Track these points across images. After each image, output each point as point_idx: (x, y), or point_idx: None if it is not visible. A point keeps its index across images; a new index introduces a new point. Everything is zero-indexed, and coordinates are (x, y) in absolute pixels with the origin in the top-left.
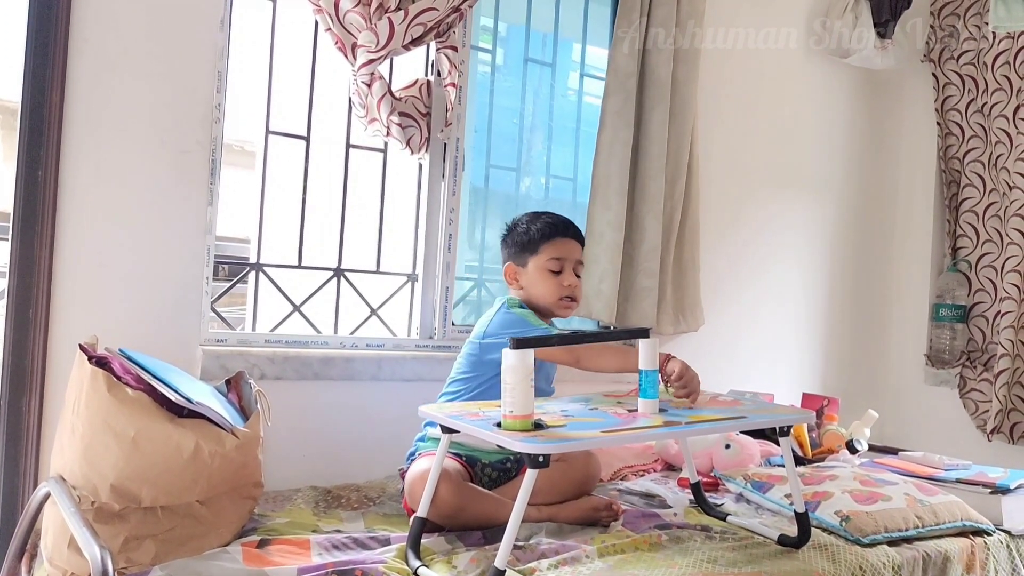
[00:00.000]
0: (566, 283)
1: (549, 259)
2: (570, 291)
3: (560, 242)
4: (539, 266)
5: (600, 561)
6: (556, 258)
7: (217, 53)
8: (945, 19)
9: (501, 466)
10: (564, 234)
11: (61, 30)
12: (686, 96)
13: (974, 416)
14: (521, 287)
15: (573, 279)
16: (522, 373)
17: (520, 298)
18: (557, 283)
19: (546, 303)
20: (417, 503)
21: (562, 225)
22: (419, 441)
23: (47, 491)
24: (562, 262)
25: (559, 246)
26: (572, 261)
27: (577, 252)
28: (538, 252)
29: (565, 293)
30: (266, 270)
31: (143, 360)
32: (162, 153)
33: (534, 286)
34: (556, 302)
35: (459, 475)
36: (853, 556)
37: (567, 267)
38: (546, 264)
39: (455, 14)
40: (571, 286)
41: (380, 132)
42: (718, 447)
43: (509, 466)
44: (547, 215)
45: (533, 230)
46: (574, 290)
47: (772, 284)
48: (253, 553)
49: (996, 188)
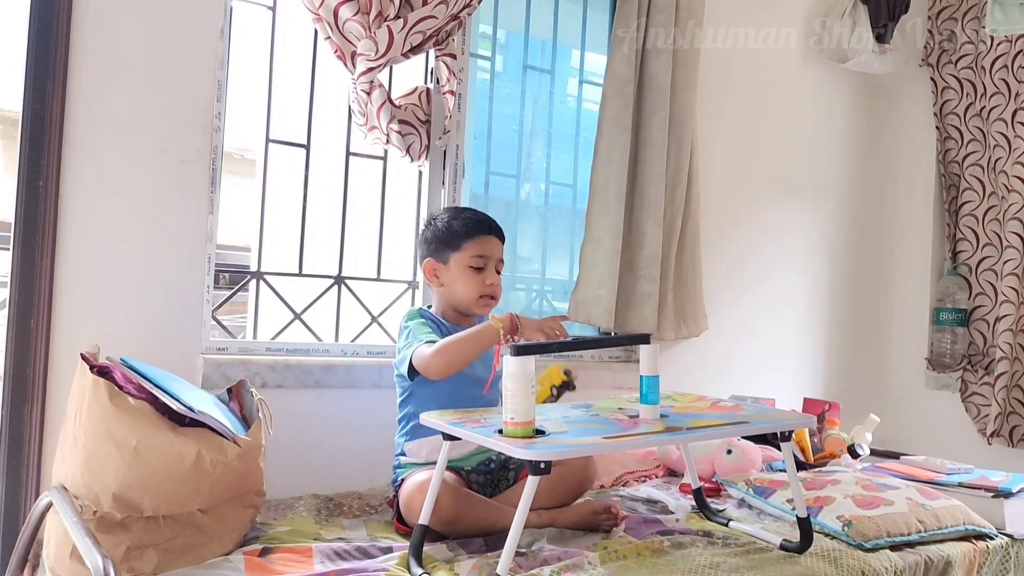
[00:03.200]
0: (488, 281)
1: (472, 256)
2: (491, 290)
3: (483, 239)
4: (461, 263)
5: (602, 567)
6: (480, 255)
7: (217, 62)
8: (943, 23)
9: (485, 468)
10: (488, 232)
11: (61, 40)
12: (685, 102)
13: (975, 420)
14: (442, 284)
15: (495, 277)
16: (523, 380)
17: (439, 296)
18: (479, 281)
19: (466, 301)
20: (416, 516)
21: (486, 223)
22: (398, 468)
23: (49, 501)
24: (485, 260)
25: (482, 243)
26: (494, 259)
27: (499, 250)
28: (460, 249)
29: (486, 292)
30: (267, 278)
31: (144, 369)
32: (162, 162)
33: (455, 283)
34: (476, 300)
35: (456, 483)
36: (855, 561)
37: (489, 265)
38: (469, 261)
39: (454, 22)
40: (492, 284)
41: (380, 140)
42: (720, 452)
43: (493, 467)
44: (469, 211)
45: (455, 226)
46: (495, 289)
47: (773, 289)
48: (255, 562)
49: (995, 191)
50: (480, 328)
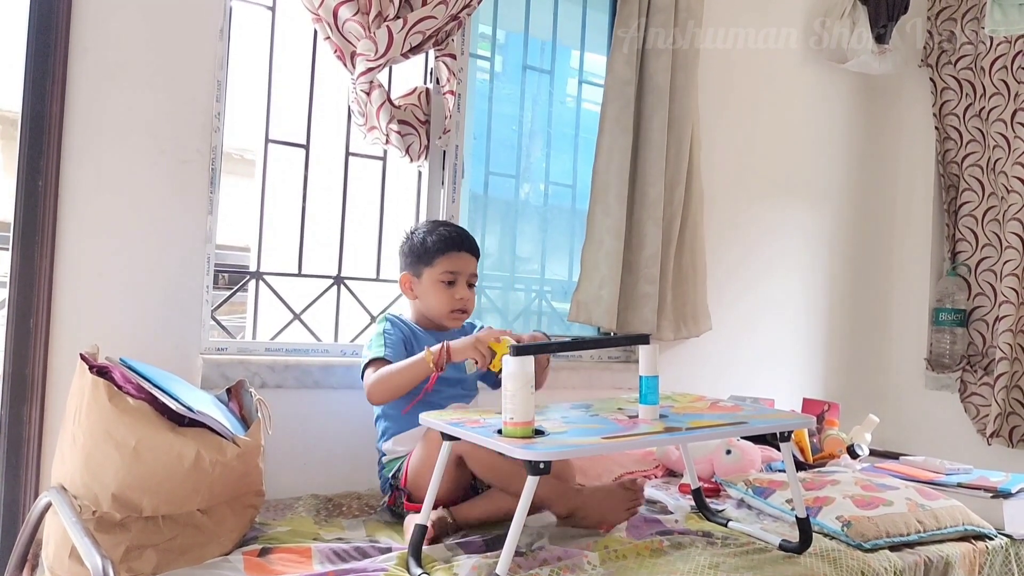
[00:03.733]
0: (458, 296)
1: (443, 272)
2: (461, 304)
3: (454, 256)
4: (433, 279)
5: (602, 567)
6: (450, 271)
7: (216, 62)
8: (942, 24)
9: None
10: (459, 248)
11: (61, 40)
12: (685, 102)
13: (975, 420)
14: (416, 296)
15: (465, 292)
16: (522, 380)
17: (413, 307)
18: (449, 296)
19: (437, 314)
20: (424, 490)
21: (458, 239)
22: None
23: (48, 501)
24: (455, 275)
25: (453, 260)
26: (466, 274)
27: (471, 266)
28: (432, 265)
29: (457, 306)
30: (266, 278)
31: (144, 369)
32: (162, 162)
33: (427, 297)
34: (447, 314)
35: None
36: (855, 561)
37: (460, 280)
38: (440, 276)
39: (453, 22)
40: (463, 299)
41: (379, 140)
42: (719, 453)
43: None
44: (444, 227)
45: (429, 242)
46: (466, 303)
47: (772, 289)
48: (254, 562)
49: (995, 192)
50: (414, 361)
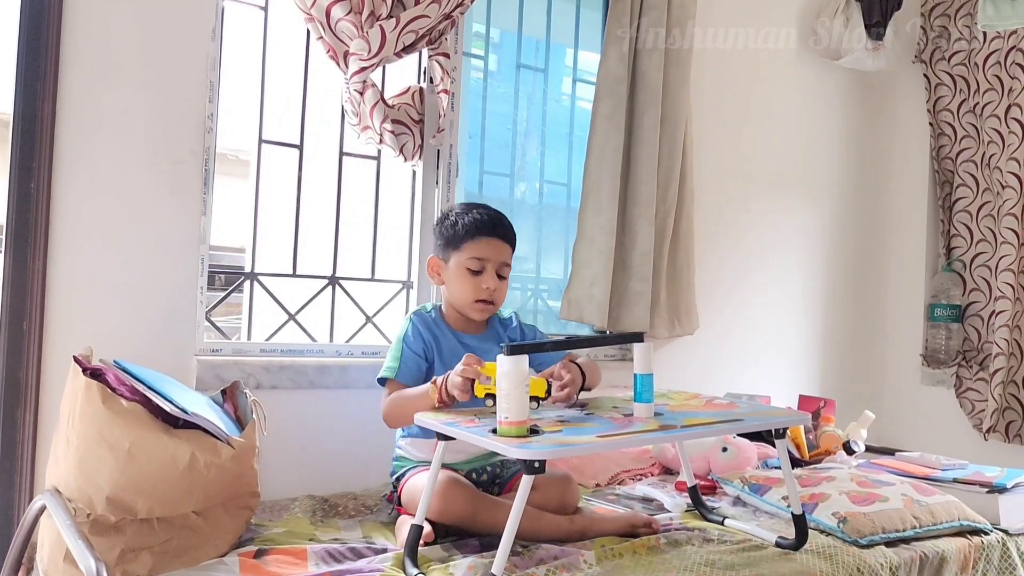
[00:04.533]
0: (484, 285)
1: (470, 258)
2: (488, 294)
3: (484, 241)
4: (459, 264)
5: (598, 566)
6: (478, 258)
7: (209, 63)
8: (936, 20)
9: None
10: (491, 233)
11: (52, 41)
12: (677, 100)
13: (970, 416)
14: (442, 282)
15: (493, 281)
16: (516, 379)
17: (444, 295)
18: (475, 284)
19: (461, 304)
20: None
21: (490, 223)
22: (396, 461)
23: (42, 504)
24: (484, 262)
25: (483, 245)
26: (496, 263)
27: (503, 253)
28: (460, 249)
29: (482, 296)
30: (261, 279)
31: (138, 371)
32: (155, 163)
33: (452, 284)
34: (471, 304)
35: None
36: (851, 557)
37: (489, 268)
38: (466, 263)
39: (447, 21)
40: (489, 289)
41: (373, 140)
42: (715, 450)
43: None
44: (479, 209)
45: (460, 225)
46: (492, 293)
47: (767, 286)
48: (250, 563)
49: (989, 188)
50: (421, 394)
